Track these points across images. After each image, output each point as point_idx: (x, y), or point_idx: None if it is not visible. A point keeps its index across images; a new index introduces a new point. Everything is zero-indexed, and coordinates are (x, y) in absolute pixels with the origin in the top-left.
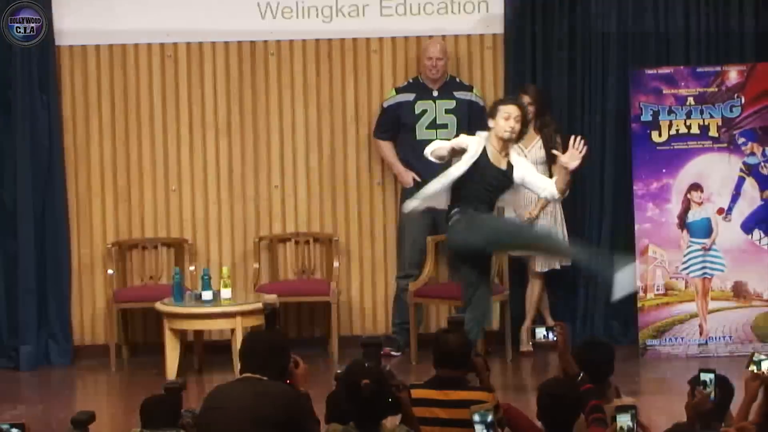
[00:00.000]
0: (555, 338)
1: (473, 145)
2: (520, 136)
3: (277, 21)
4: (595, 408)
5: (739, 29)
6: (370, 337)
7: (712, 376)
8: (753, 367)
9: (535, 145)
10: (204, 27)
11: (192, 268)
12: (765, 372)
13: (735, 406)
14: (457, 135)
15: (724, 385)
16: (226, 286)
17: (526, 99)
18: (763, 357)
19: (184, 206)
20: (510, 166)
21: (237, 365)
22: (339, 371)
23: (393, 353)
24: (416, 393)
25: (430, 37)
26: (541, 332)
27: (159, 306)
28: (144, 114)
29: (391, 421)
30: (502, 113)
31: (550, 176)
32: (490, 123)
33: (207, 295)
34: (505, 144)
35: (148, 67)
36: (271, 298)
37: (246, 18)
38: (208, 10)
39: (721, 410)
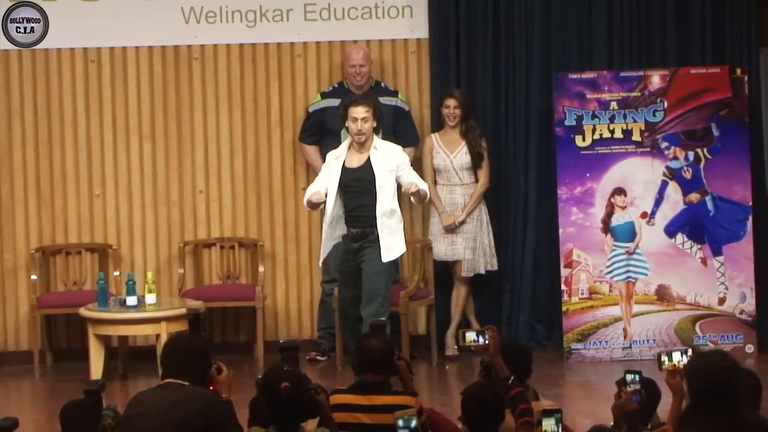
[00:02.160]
0: (486, 342)
1: (327, 167)
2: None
3: (201, 25)
4: (524, 412)
5: (662, 34)
6: (288, 341)
7: (636, 376)
8: (666, 362)
9: (460, 150)
10: (127, 31)
11: (116, 273)
12: (678, 364)
13: (664, 411)
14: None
15: (650, 388)
16: (150, 291)
17: (452, 102)
18: (669, 350)
19: (108, 211)
20: (368, 161)
21: (161, 372)
22: (260, 377)
23: (318, 358)
24: (339, 398)
25: (354, 41)
26: (471, 336)
27: (83, 312)
28: (67, 119)
29: (311, 424)
30: (351, 117)
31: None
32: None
33: (131, 300)
34: (362, 146)
35: (71, 71)
36: (196, 304)
37: (170, 22)
38: (131, 14)
39: (648, 413)
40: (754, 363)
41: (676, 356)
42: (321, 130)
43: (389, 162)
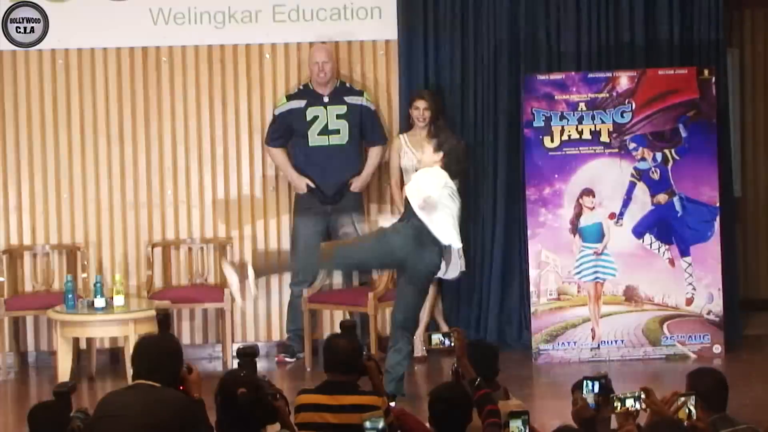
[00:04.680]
0: (452, 344)
1: None
2: None
3: (170, 27)
4: (491, 413)
5: (630, 35)
6: (246, 347)
7: (593, 383)
8: (618, 405)
9: (428, 151)
10: (95, 32)
11: (84, 275)
12: (630, 408)
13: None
14: (349, 140)
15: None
16: (118, 293)
17: (422, 104)
18: (623, 395)
19: (76, 213)
20: None
21: (130, 372)
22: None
23: (287, 359)
24: (307, 398)
25: (323, 43)
26: (437, 338)
27: (51, 313)
28: (35, 120)
29: (272, 430)
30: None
31: None
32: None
33: (99, 302)
34: None
35: (38, 73)
36: (164, 304)
37: (138, 24)
38: (99, 15)
39: (607, 422)
40: (721, 363)
41: (629, 402)
42: (287, 133)
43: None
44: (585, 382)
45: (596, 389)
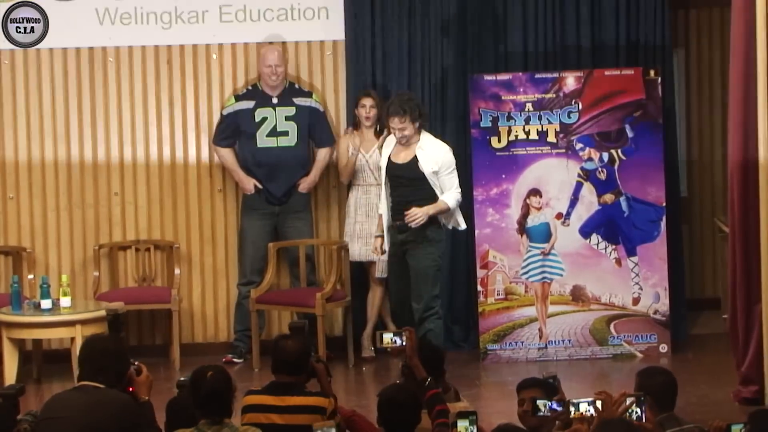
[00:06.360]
0: (403, 343)
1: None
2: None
3: (116, 27)
4: (440, 413)
5: (576, 36)
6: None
7: (550, 403)
8: (572, 411)
9: (375, 150)
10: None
11: (31, 276)
12: (584, 413)
13: None
14: (297, 142)
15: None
16: (65, 294)
17: (368, 102)
18: (577, 400)
19: (22, 214)
20: (415, 158)
21: (77, 374)
22: (182, 378)
23: (235, 360)
24: (253, 399)
25: (270, 43)
26: (389, 337)
27: None
28: None
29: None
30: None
31: None
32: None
33: (46, 303)
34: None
35: None
36: (116, 305)
37: (84, 24)
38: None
39: (552, 422)
40: (668, 362)
41: (583, 406)
42: (235, 133)
43: (433, 163)
44: (543, 403)
45: (554, 406)
